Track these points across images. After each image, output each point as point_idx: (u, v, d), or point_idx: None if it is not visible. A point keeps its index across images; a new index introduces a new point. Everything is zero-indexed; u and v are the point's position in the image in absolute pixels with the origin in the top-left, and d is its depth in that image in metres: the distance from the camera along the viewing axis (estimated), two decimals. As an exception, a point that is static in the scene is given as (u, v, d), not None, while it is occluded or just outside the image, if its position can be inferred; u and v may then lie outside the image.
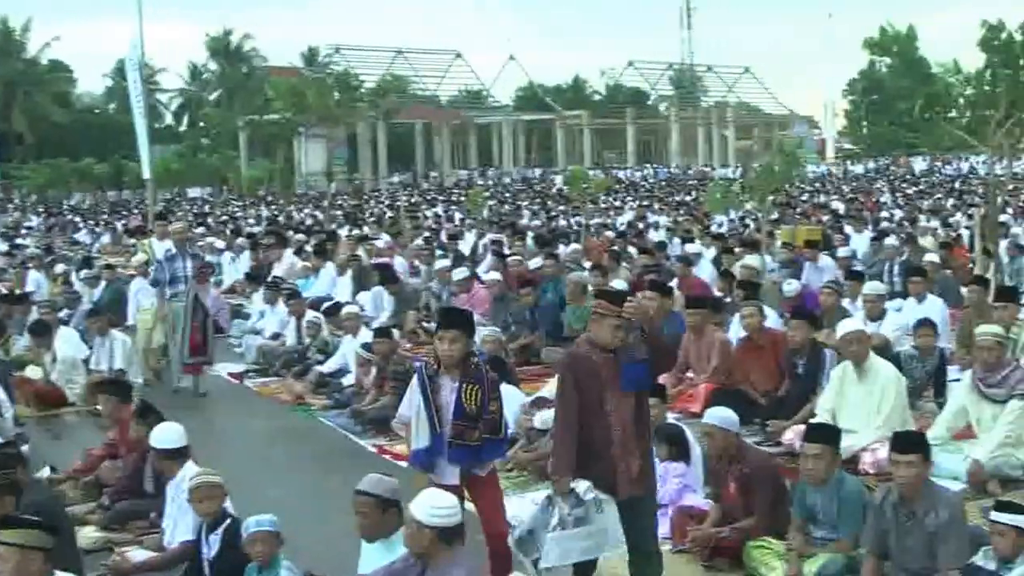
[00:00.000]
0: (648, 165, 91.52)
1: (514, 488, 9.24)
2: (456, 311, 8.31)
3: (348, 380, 13.54)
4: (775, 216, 29.63)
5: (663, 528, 7.59)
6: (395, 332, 13.81)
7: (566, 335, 13.32)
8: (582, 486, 6.51)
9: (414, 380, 7.28)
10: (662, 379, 11.12)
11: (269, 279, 19.17)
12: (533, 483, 9.35)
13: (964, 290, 14.19)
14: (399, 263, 20.18)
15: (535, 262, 18.43)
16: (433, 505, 5.77)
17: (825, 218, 29.18)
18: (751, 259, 16.86)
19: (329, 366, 14.25)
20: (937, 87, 13.71)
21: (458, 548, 5.80)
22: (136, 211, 47.78)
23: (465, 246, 24.20)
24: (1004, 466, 8.62)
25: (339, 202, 51.64)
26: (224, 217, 42.86)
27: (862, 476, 8.51)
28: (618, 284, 13.90)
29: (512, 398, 10.59)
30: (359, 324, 14.22)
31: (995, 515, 6.30)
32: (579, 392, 6.53)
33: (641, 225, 28.81)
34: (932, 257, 16.92)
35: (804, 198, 42.27)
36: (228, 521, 7.04)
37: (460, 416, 7.03)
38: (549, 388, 10.81)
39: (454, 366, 7.09)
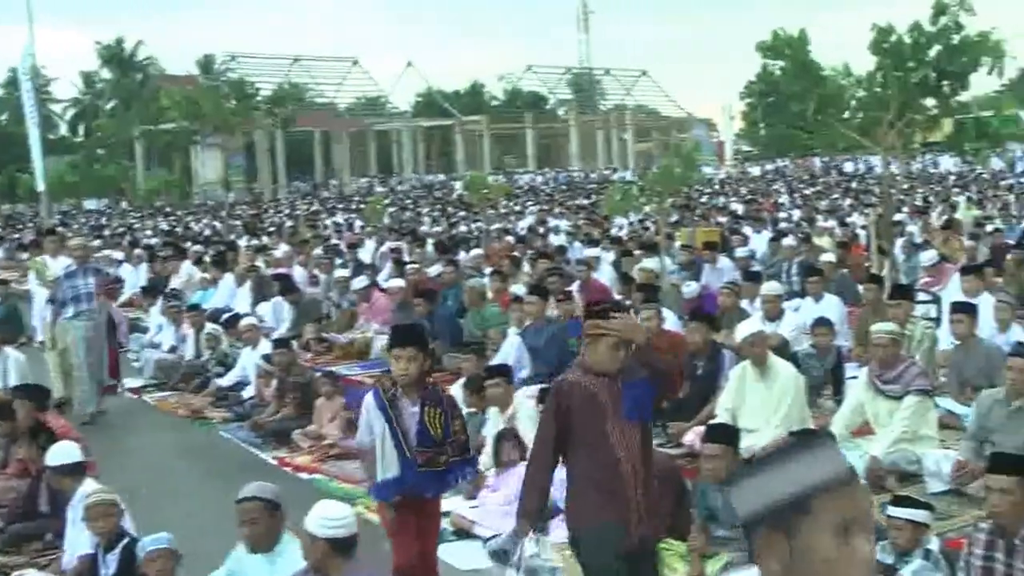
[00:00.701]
0: (548, 169, 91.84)
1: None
2: (409, 327, 7.78)
3: (248, 393, 13.41)
4: (675, 218, 29.92)
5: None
6: (295, 343, 13.69)
7: (467, 341, 13.26)
8: (544, 545, 6.24)
9: (370, 404, 6.88)
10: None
11: (167, 291, 18.90)
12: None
13: (861, 288, 14.40)
14: (298, 273, 19.99)
15: (435, 269, 18.36)
16: (325, 516, 5.71)
17: (724, 219, 29.53)
18: (650, 262, 16.95)
19: (229, 379, 14.11)
20: (829, 89, 13.89)
21: (355, 559, 5.74)
22: (31, 224, 46.81)
23: (365, 254, 24.06)
24: (901, 461, 8.71)
25: (238, 212, 51.05)
26: (121, 229, 42.16)
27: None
28: (518, 290, 13.90)
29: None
30: (259, 335, 14.10)
31: (892, 510, 6.40)
32: (570, 423, 5.79)
33: (542, 229, 28.88)
34: (829, 256, 17.15)
35: (703, 200, 42.77)
36: (125, 540, 6.89)
37: (426, 442, 6.74)
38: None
39: (411, 387, 6.79)
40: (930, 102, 15.06)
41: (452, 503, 8.64)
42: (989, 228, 22.16)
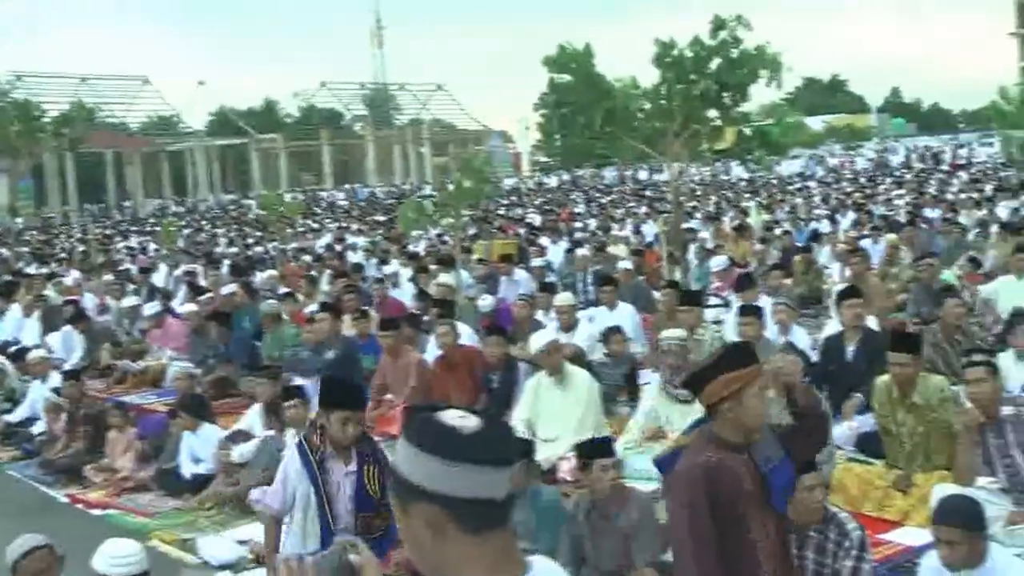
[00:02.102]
0: (348, 185, 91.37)
1: (213, 527, 8.97)
2: (345, 384, 6.90)
3: (38, 428, 12.91)
4: (473, 231, 30.05)
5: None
6: (87, 373, 13.27)
7: (264, 364, 13.06)
8: None
9: (291, 465, 6.20)
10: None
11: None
12: (233, 520, 9.09)
13: (657, 295, 14.67)
14: (88, 300, 19.36)
15: (230, 290, 18.00)
16: (113, 555, 5.53)
17: (521, 231, 29.79)
18: (445, 277, 16.97)
19: (17, 415, 13.58)
20: (616, 101, 14.24)
21: None
22: None
23: (158, 278, 23.47)
24: (694, 464, 8.90)
25: (26, 238, 49.30)
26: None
27: (561, 484, 8.65)
28: (312, 310, 13.72)
29: (210, 435, 10.33)
30: (48, 368, 13.63)
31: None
32: (716, 525, 4.48)
33: (339, 247, 28.65)
34: (627, 264, 17.44)
35: (501, 212, 43.11)
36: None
37: (366, 506, 6.11)
38: (247, 420, 10.60)
39: (343, 448, 6.13)
40: (713, 113, 15.52)
41: (251, 530, 8.48)
42: (778, 231, 22.90)
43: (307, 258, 25.74)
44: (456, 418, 2.26)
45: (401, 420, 10.40)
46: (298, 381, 11.27)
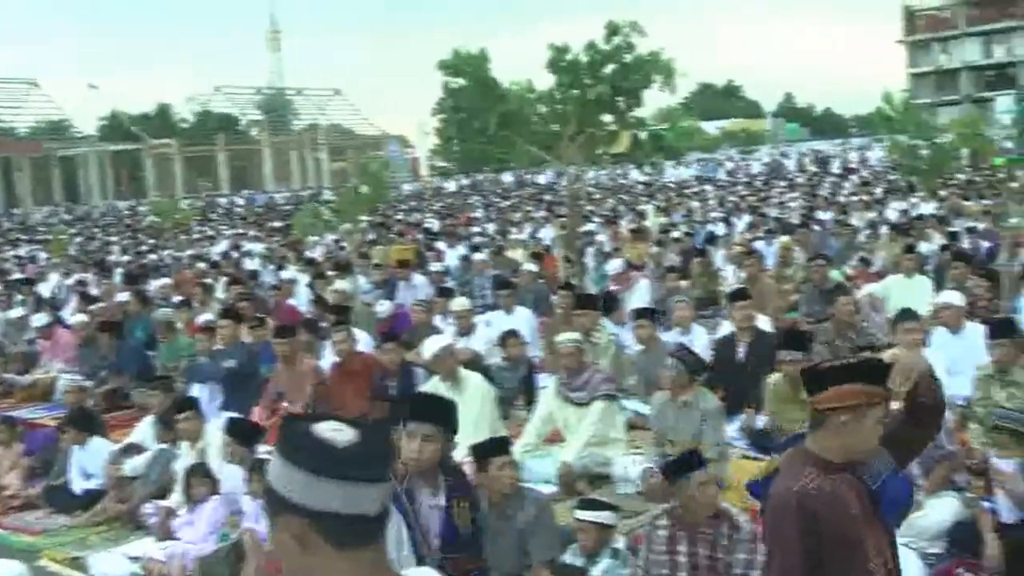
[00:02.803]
0: (247, 191, 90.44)
1: (104, 543, 8.80)
2: (429, 398, 6.42)
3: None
4: (372, 237, 29.93)
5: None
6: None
7: (160, 375, 12.83)
8: None
9: None
10: (257, 413, 11.04)
11: None
12: (125, 536, 8.91)
13: (555, 298, 14.74)
14: (-27, 313, 18.91)
15: (121, 299, 17.72)
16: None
17: (420, 236, 29.74)
18: (342, 283, 16.88)
19: None
20: (511, 106, 14.27)
21: None
22: None
23: (48, 288, 23.01)
24: (592, 465, 8.96)
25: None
26: None
27: (460, 489, 8.65)
28: (206, 318, 13.54)
29: (101, 449, 10.13)
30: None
31: (578, 513, 6.57)
32: (818, 550, 3.89)
33: (235, 254, 28.35)
34: (530, 267, 17.50)
35: (399, 217, 42.99)
36: None
37: (454, 543, 5.58)
38: (139, 433, 10.40)
39: (428, 473, 5.53)
40: (608, 117, 15.63)
41: (143, 546, 8.35)
42: (675, 234, 23.13)
43: (202, 265, 25.40)
44: (331, 431, 2.21)
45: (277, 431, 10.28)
46: (194, 392, 11.14)
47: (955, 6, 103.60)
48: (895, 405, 4.14)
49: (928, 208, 25.61)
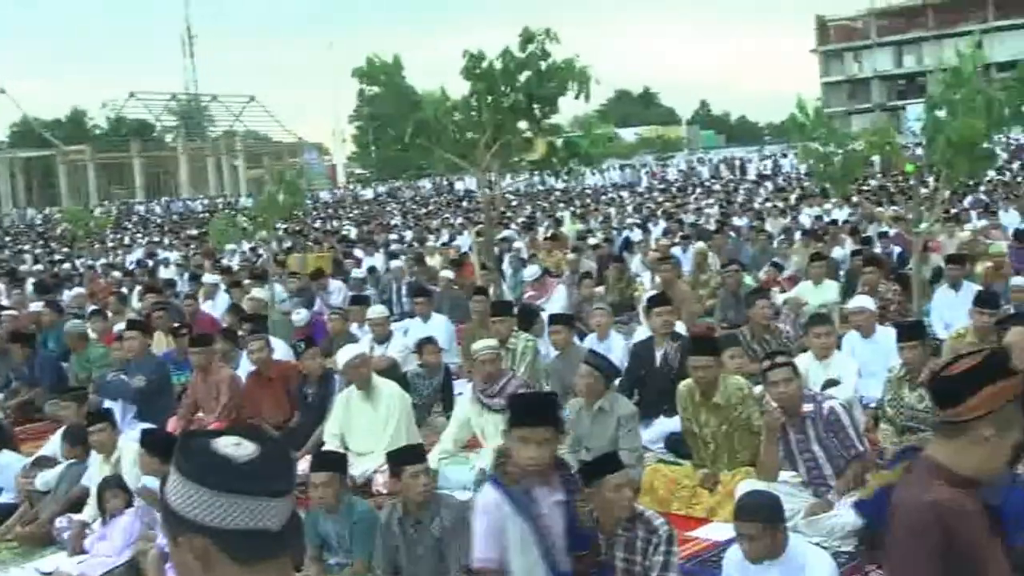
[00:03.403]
0: (165, 198, 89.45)
1: (15, 558, 8.66)
2: (539, 398, 6.07)
3: None
4: (289, 245, 29.78)
5: None
6: None
7: (72, 386, 12.64)
8: None
9: (492, 504, 5.13)
10: (172, 423, 10.94)
11: None
12: (37, 552, 8.75)
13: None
14: None
15: (34, 309, 17.42)
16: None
17: (337, 244, 29.64)
18: (258, 291, 16.77)
19: None
20: (426, 113, 14.19)
21: None
22: None
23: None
24: (509, 471, 8.99)
25: None
26: None
27: (376, 497, 8.64)
28: (121, 328, 13.35)
29: (11, 463, 9.98)
30: None
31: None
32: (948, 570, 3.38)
33: (151, 263, 28.04)
34: (448, 274, 17.50)
35: (317, 225, 42.81)
36: None
37: (579, 540, 5.35)
38: (51, 445, 10.24)
39: (544, 471, 5.21)
40: (523, 125, 15.69)
41: (55, 561, 8.25)
42: (592, 240, 23.28)
43: (117, 274, 25.10)
44: (230, 446, 2.16)
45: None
46: (108, 404, 10.99)
47: (866, 17, 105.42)
48: None
49: (841, 214, 26.06)
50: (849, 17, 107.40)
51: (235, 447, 2.16)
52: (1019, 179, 35.33)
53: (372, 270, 20.76)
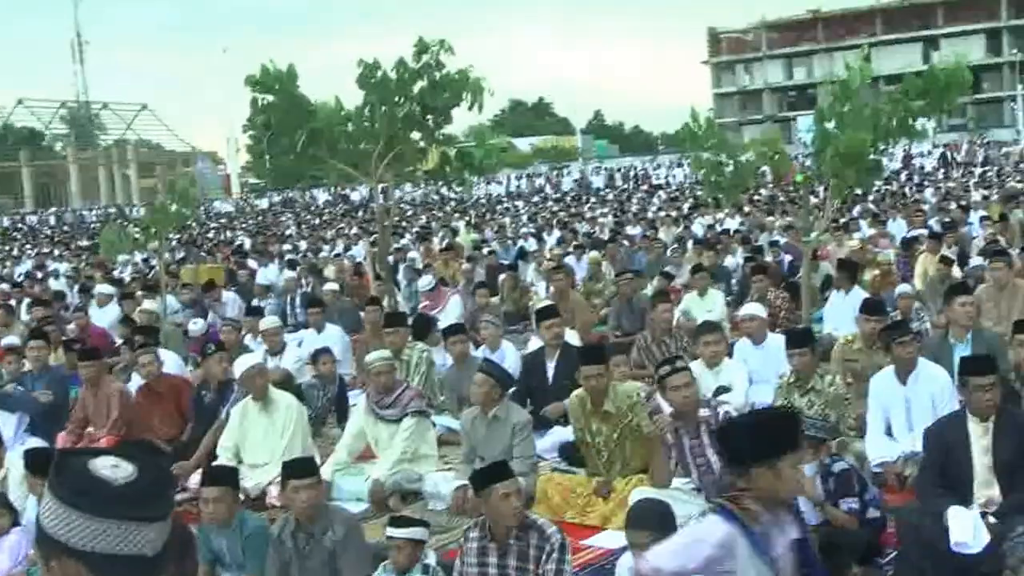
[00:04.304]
0: (53, 208, 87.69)
1: None
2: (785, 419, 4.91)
3: None
4: (182, 255, 29.42)
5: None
6: None
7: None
8: None
9: (727, 545, 4.44)
10: (61, 438, 10.74)
11: None
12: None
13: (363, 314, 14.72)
14: None
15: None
16: None
17: (231, 254, 29.36)
18: (150, 303, 16.54)
19: None
20: (319, 123, 14.13)
21: None
22: None
23: None
24: (403, 481, 9.00)
25: None
26: None
27: (271, 510, 8.58)
28: (10, 341, 13.08)
29: None
30: None
31: (390, 530, 6.58)
32: None
33: (40, 274, 27.50)
34: (334, 286, 17.44)
35: (211, 235, 42.36)
36: None
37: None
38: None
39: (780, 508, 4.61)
40: (417, 135, 15.69)
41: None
42: (487, 250, 23.36)
43: (5, 286, 24.59)
44: (107, 467, 2.10)
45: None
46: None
47: (758, 29, 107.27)
48: None
49: (733, 223, 26.46)
50: (740, 30, 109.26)
51: (112, 468, 2.11)
52: (907, 189, 36.13)
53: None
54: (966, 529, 6.20)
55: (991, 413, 6.67)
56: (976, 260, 14.56)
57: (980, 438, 6.64)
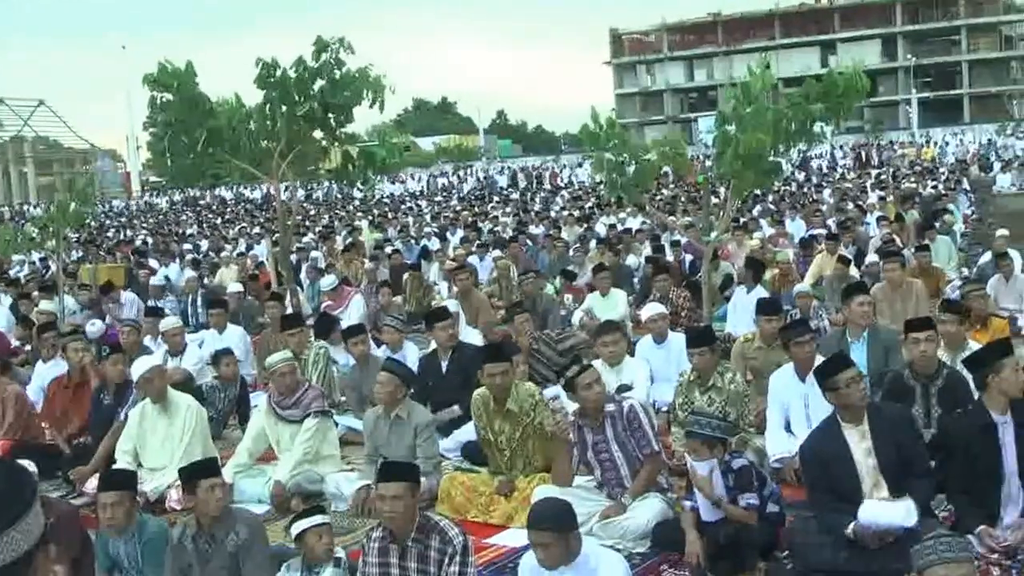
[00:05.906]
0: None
1: None
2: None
3: None
4: (80, 255, 28.92)
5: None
6: None
7: None
8: None
9: None
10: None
11: None
12: None
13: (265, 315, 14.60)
14: None
15: None
16: None
17: (131, 254, 28.93)
18: (47, 303, 16.25)
19: None
20: (219, 121, 13.99)
21: None
22: None
23: None
24: (304, 482, 8.93)
25: None
26: None
27: (170, 513, 8.48)
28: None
29: None
30: None
31: (297, 526, 6.56)
32: None
33: (-69, 275, 26.85)
34: (236, 287, 17.27)
35: (111, 234, 41.69)
36: None
37: None
38: None
39: None
40: (319, 134, 15.61)
41: None
42: (389, 249, 23.28)
43: None
44: None
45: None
46: None
47: (659, 31, 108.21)
48: None
49: (635, 223, 26.67)
50: (642, 31, 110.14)
51: None
52: (805, 189, 36.71)
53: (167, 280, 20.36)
54: (890, 510, 6.26)
55: (864, 407, 6.72)
56: (872, 258, 14.83)
57: (859, 443, 6.63)
